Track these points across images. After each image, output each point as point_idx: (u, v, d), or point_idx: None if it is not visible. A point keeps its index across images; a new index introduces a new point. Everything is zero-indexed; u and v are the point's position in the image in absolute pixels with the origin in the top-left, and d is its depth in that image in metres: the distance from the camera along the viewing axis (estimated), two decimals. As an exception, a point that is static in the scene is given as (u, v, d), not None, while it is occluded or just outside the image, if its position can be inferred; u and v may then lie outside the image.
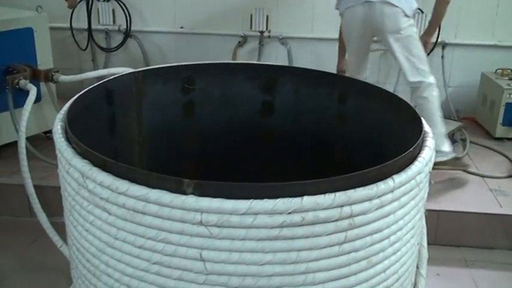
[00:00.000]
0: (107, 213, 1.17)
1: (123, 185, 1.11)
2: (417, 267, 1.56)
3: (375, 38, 3.02)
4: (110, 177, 1.14)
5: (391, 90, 1.97)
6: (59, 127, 1.38)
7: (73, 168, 1.23)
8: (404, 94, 1.64)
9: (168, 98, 1.93)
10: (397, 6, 2.69)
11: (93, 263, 1.27)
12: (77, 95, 1.54)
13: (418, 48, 2.81)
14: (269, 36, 4.03)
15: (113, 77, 1.76)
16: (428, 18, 3.25)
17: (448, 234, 2.69)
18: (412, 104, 1.60)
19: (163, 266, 1.14)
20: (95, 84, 1.65)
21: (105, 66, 4.10)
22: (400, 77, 3.86)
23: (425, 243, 1.62)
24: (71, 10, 3.94)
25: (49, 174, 2.86)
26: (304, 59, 3.93)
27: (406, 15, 2.73)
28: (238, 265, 1.10)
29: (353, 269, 1.17)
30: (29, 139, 2.71)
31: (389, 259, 1.24)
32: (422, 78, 2.79)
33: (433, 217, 2.51)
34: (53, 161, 2.87)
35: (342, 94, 1.83)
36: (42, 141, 3.25)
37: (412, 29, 2.79)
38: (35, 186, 2.56)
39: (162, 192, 1.08)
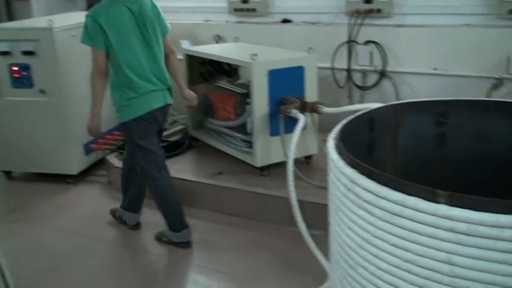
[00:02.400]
0: (368, 214, 1.42)
1: (385, 190, 1.35)
2: None
3: None
4: (374, 184, 1.39)
5: None
6: (332, 142, 1.69)
7: (343, 175, 1.51)
8: None
9: (422, 130, 2.11)
10: None
11: (352, 256, 1.52)
12: (346, 120, 1.85)
13: None
14: (528, 79, 3.89)
15: (375, 107, 2.03)
16: None
17: None
18: None
19: (413, 265, 1.33)
20: (361, 112, 1.94)
21: (360, 103, 4.45)
22: None
23: None
24: (334, 51, 4.43)
25: (307, 192, 3.28)
26: None
27: None
28: (483, 273, 1.23)
29: None
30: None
31: None
32: None
33: None
34: (311, 181, 3.34)
35: None
36: (302, 164, 3.72)
37: None
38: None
39: (418, 200, 1.29)
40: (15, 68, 3.94)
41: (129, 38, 2.92)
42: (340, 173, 1.54)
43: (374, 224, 1.41)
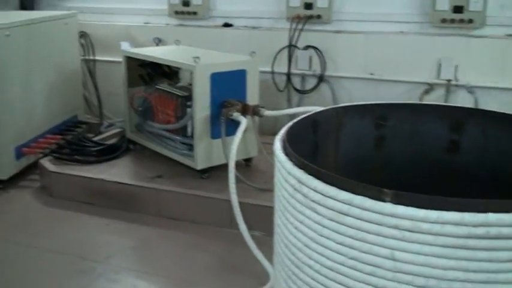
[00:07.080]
0: (315, 213, 1.45)
1: (333, 190, 1.39)
2: None
3: None
4: (321, 184, 1.42)
5: None
6: (278, 144, 1.71)
7: (291, 176, 1.54)
8: None
9: (362, 132, 2.18)
10: None
11: (298, 256, 1.55)
12: (292, 122, 1.88)
13: None
14: (456, 85, 4.10)
15: (319, 110, 2.07)
16: None
17: None
18: None
19: (358, 262, 1.37)
20: (305, 115, 1.98)
21: (298, 106, 4.53)
22: None
23: None
24: (274, 56, 4.49)
25: (248, 194, 3.31)
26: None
27: None
28: (424, 267, 1.29)
29: (536, 289, 1.27)
30: (232, 163, 3.15)
31: None
32: None
33: None
34: (252, 183, 3.35)
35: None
36: (241, 167, 3.72)
37: None
38: (236, 203, 2.99)
39: (364, 199, 1.33)
40: None
41: None
42: (288, 174, 1.56)
43: (321, 223, 1.44)
